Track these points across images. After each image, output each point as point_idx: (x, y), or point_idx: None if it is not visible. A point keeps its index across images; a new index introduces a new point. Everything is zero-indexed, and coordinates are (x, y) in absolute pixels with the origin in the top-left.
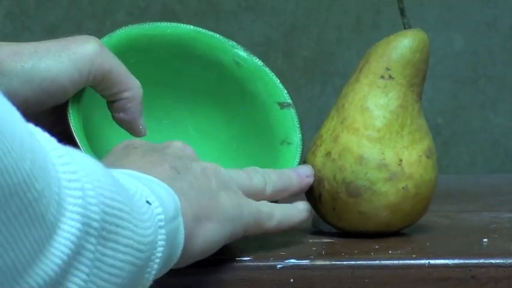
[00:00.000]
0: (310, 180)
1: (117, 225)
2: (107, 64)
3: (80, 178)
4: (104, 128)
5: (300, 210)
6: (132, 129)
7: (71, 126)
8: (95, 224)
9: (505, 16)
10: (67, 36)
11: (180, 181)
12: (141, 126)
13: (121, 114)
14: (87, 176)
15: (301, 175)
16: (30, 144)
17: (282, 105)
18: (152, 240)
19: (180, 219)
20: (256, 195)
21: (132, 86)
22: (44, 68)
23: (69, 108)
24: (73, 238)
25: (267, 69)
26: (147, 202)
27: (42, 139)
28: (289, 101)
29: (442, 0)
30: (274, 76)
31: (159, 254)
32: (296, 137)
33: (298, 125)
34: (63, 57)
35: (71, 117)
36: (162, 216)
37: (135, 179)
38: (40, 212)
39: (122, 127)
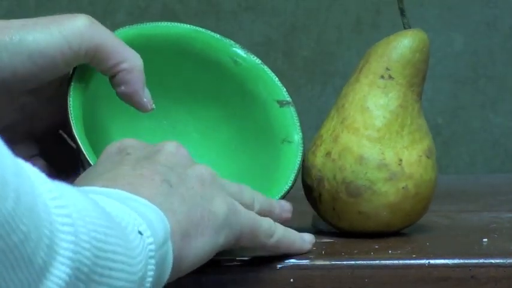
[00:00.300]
0: (289, 215)
1: (110, 269)
2: (98, 37)
3: (74, 222)
4: (109, 120)
5: (303, 239)
6: (136, 103)
7: (70, 119)
8: (85, 269)
9: (505, 16)
10: None
11: (171, 196)
12: (145, 99)
13: (122, 88)
14: (81, 218)
15: (283, 206)
16: (16, 183)
17: (282, 104)
18: (142, 274)
19: (169, 243)
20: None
21: (128, 57)
22: (32, 40)
23: (70, 100)
24: (62, 283)
25: (265, 67)
26: (139, 232)
27: (36, 179)
28: (289, 99)
29: (442, 0)
30: (273, 74)
31: (148, 285)
32: (297, 135)
33: (298, 123)
34: (53, 30)
35: (71, 110)
36: (153, 246)
37: (125, 203)
38: (27, 254)
39: (126, 103)
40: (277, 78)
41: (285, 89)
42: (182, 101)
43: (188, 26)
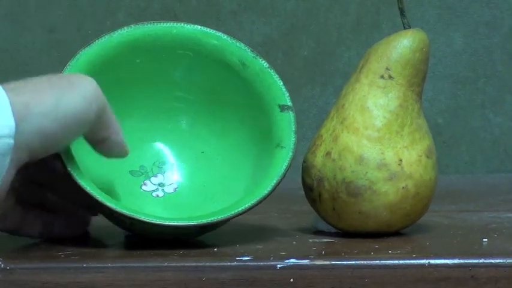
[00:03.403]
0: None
1: None
2: (104, 100)
3: None
4: (122, 119)
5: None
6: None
7: None
8: None
9: (505, 16)
10: (67, 37)
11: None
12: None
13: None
14: None
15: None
16: None
17: (282, 108)
18: None
19: None
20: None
21: (119, 130)
22: (65, 104)
23: None
24: None
25: (272, 71)
26: None
27: None
28: (290, 104)
29: (442, 0)
30: (278, 78)
31: None
32: (290, 141)
33: (294, 129)
34: (76, 93)
35: None
36: None
37: None
38: None
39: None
40: (281, 83)
41: (287, 94)
42: (196, 101)
43: (196, 27)
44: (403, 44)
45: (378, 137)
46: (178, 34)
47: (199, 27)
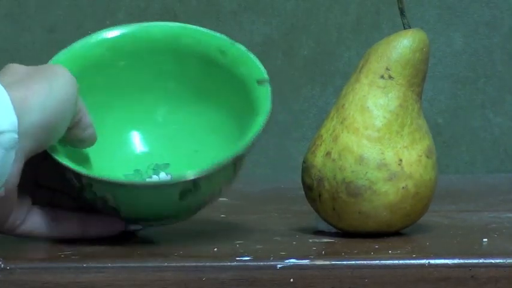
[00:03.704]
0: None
1: None
2: (76, 84)
3: None
4: (107, 110)
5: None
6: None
7: None
8: None
9: (505, 16)
10: (67, 37)
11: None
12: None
13: (89, 130)
14: None
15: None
16: None
17: (259, 82)
18: None
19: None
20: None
21: (87, 112)
22: (57, 92)
23: None
24: None
25: (250, 53)
26: None
27: None
28: (267, 77)
29: (442, 0)
30: (257, 59)
31: None
32: (265, 108)
33: (269, 98)
34: (60, 79)
35: None
36: None
37: None
38: None
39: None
40: (259, 61)
41: (265, 71)
42: (182, 100)
43: (175, 23)
44: (403, 44)
45: (378, 137)
46: (157, 33)
47: (178, 23)
